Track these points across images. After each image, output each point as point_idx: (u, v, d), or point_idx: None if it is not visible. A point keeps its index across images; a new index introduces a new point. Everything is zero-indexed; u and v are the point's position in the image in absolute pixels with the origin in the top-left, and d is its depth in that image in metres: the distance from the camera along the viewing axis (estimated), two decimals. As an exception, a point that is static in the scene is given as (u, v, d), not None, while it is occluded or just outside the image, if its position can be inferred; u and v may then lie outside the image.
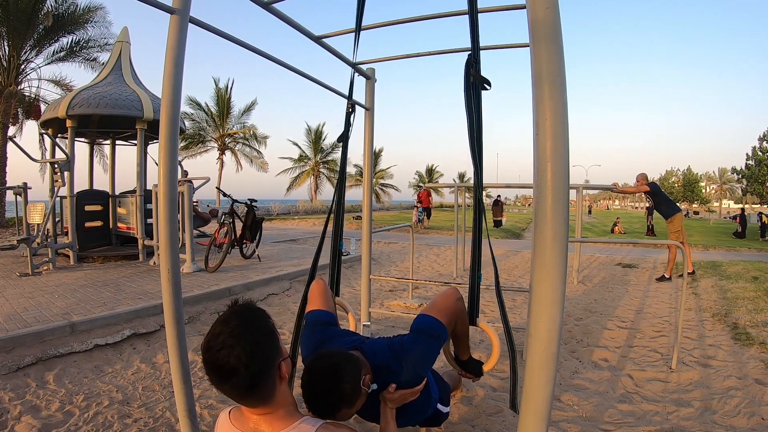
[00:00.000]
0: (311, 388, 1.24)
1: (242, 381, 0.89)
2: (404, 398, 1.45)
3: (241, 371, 0.88)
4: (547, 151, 1.00)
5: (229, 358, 0.88)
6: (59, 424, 2.22)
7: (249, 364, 0.88)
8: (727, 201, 68.32)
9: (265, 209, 23.08)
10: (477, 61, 1.52)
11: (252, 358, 0.89)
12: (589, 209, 35.40)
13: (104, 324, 3.60)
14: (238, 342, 0.89)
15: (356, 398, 1.29)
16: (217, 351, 0.89)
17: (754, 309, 4.19)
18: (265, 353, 0.92)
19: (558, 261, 1.02)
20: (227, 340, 0.89)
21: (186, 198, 5.99)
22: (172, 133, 1.60)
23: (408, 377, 1.45)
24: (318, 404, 1.24)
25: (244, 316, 0.95)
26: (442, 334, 1.55)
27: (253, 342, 0.91)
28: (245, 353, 0.88)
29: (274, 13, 1.97)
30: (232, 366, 0.87)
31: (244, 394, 0.92)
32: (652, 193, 6.22)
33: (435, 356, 1.55)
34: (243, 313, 0.95)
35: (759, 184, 24.19)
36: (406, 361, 1.46)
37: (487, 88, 1.52)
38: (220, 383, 0.90)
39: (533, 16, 1.02)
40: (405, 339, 1.54)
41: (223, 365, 0.88)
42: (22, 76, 13.89)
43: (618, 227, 18.23)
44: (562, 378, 2.86)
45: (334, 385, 1.23)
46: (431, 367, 1.62)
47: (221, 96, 28.25)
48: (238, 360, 0.88)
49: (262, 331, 0.95)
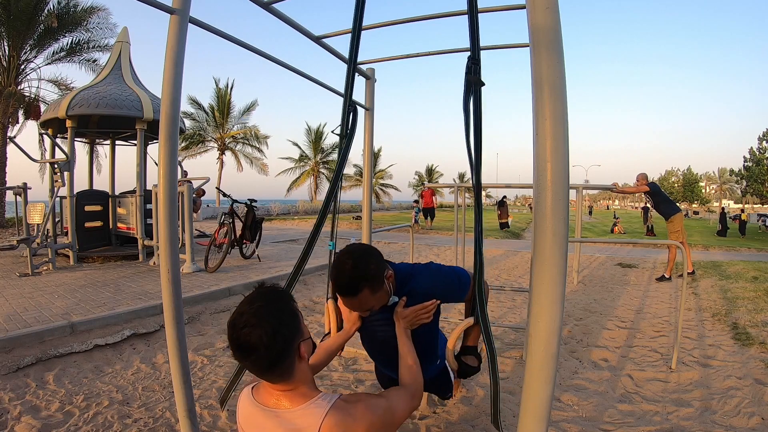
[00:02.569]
0: (340, 266, 1.36)
1: (263, 358, 0.95)
2: (417, 316, 1.49)
3: (262, 350, 0.93)
4: (546, 151, 1.00)
5: (250, 336, 0.93)
6: (59, 424, 2.22)
7: (269, 344, 0.94)
8: (727, 201, 68.35)
9: (265, 209, 23.09)
10: (477, 62, 1.51)
11: (273, 338, 0.94)
12: (590, 210, 35.41)
13: (104, 324, 3.60)
14: (260, 322, 0.94)
15: (378, 285, 1.39)
16: (240, 329, 0.94)
17: (754, 309, 4.20)
18: (286, 334, 0.97)
19: (558, 261, 1.02)
20: (250, 319, 0.94)
21: (186, 198, 5.99)
22: (171, 133, 1.60)
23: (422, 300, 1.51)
24: (343, 281, 1.35)
25: (268, 298, 1.00)
26: (465, 285, 1.57)
27: (275, 323, 0.96)
28: (266, 333, 0.93)
29: (274, 13, 1.97)
30: (254, 344, 0.93)
31: (264, 370, 0.98)
32: (652, 193, 6.22)
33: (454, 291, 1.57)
34: (267, 295, 1.01)
35: (759, 184, 24.20)
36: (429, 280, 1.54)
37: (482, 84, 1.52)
38: (242, 359, 0.97)
39: (533, 16, 1.02)
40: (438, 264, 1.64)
41: (245, 343, 0.94)
42: (22, 76, 13.89)
43: (618, 227, 18.23)
44: (562, 378, 2.86)
45: (360, 262, 1.35)
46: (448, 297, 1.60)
47: (221, 96, 28.26)
48: (260, 339, 0.93)
49: (284, 313, 0.99)
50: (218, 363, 3.10)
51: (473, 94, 1.46)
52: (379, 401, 1.08)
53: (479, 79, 1.45)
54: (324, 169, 34.89)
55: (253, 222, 6.77)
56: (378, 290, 1.41)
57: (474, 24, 1.50)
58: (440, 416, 2.37)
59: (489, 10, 2.01)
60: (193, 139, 27.66)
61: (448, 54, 2.52)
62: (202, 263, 5.99)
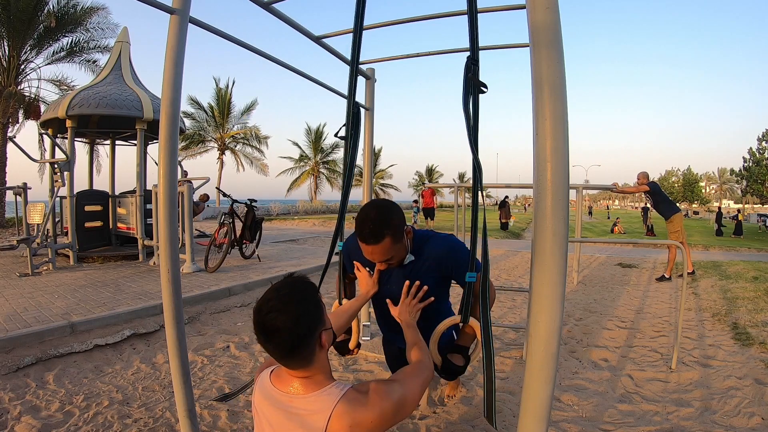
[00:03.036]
0: (364, 215, 1.46)
1: (285, 342, 0.99)
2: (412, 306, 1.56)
3: (285, 334, 0.98)
4: (546, 151, 1.00)
5: (276, 321, 0.97)
6: (59, 424, 2.22)
7: (293, 329, 0.98)
8: (727, 201, 68.36)
9: (264, 209, 23.08)
10: (476, 62, 1.51)
11: (296, 323, 0.99)
12: (590, 210, 35.38)
13: (104, 324, 3.60)
14: (286, 308, 0.99)
15: (399, 236, 1.49)
16: (266, 314, 0.99)
17: (754, 309, 4.19)
18: (309, 322, 1.02)
19: (558, 261, 1.02)
20: (277, 305, 0.99)
21: (186, 198, 5.99)
22: (171, 133, 1.60)
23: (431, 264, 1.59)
24: (367, 229, 1.44)
25: (295, 286, 1.05)
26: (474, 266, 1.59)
27: (300, 309, 1.00)
28: (291, 318, 0.98)
29: (274, 13, 1.97)
30: (278, 328, 0.97)
31: (285, 354, 1.01)
32: (652, 192, 6.21)
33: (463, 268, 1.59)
34: (294, 284, 1.06)
35: (758, 184, 24.19)
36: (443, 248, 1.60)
37: (484, 91, 1.51)
38: (265, 342, 1.00)
39: (533, 16, 1.02)
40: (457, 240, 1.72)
41: (270, 327, 0.98)
42: (22, 76, 13.89)
43: (618, 227, 18.24)
44: (562, 378, 2.86)
45: (384, 214, 1.47)
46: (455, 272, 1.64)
47: (221, 96, 28.26)
48: (284, 324, 0.97)
49: (308, 302, 1.04)
50: (218, 363, 3.10)
51: (473, 95, 1.46)
52: (391, 387, 1.10)
53: (479, 81, 1.45)
54: (324, 169, 34.89)
55: (253, 222, 6.77)
56: (399, 241, 1.50)
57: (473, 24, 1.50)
58: (440, 416, 2.37)
59: (489, 10, 2.01)
60: (193, 139, 27.67)
61: (448, 54, 2.52)
62: (202, 263, 5.99)
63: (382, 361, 3.09)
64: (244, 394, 2.60)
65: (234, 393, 1.63)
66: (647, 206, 18.45)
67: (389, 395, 1.05)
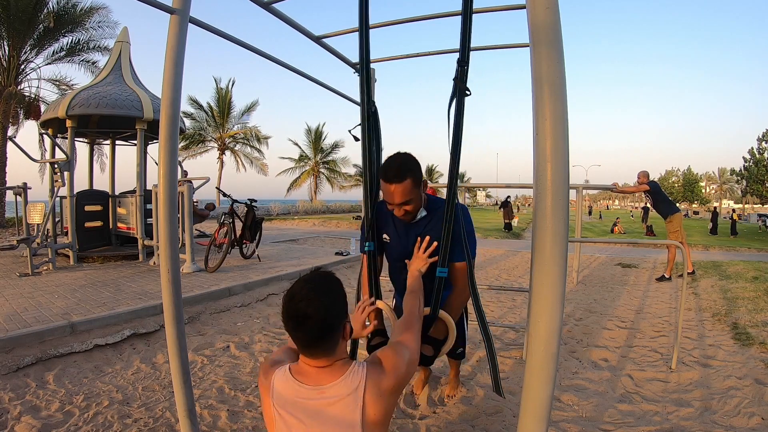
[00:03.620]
0: (391, 159, 1.65)
1: (316, 329, 1.05)
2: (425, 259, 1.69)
3: (317, 320, 1.04)
4: (547, 151, 1.00)
5: (308, 308, 1.03)
6: (59, 424, 2.22)
7: (324, 316, 1.04)
8: (727, 201, 68.34)
9: (264, 209, 23.09)
10: (464, 63, 1.57)
11: (327, 311, 1.05)
12: (590, 210, 35.38)
13: (104, 324, 3.60)
14: (317, 297, 1.05)
15: (419, 181, 1.67)
16: (298, 302, 1.05)
17: (754, 309, 4.19)
18: (338, 311, 1.09)
19: (558, 261, 1.02)
20: (309, 293, 1.05)
21: (186, 198, 5.99)
22: (172, 133, 1.60)
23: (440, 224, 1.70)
24: (392, 168, 1.62)
25: (323, 278, 1.12)
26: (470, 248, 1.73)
27: (330, 299, 1.08)
28: (322, 308, 1.04)
29: (274, 13, 1.97)
30: (310, 314, 1.03)
31: (314, 340, 1.07)
32: (652, 192, 6.21)
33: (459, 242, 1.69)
34: (323, 276, 1.13)
35: (758, 184, 24.18)
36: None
37: (467, 94, 1.60)
38: (296, 328, 1.06)
39: (533, 16, 1.02)
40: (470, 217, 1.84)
41: (302, 313, 1.04)
42: (22, 76, 13.89)
43: (618, 227, 18.25)
44: (562, 378, 2.86)
45: (408, 160, 1.66)
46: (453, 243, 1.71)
47: (222, 96, 28.25)
48: (316, 311, 1.04)
49: (337, 293, 1.12)
50: (218, 363, 3.10)
51: (457, 98, 1.56)
52: (399, 350, 1.20)
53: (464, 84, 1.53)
54: (324, 169, 34.88)
55: (253, 222, 6.77)
56: (417, 186, 1.67)
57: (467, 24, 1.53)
58: (440, 416, 2.37)
59: (488, 10, 2.01)
60: (193, 139, 27.66)
61: (449, 54, 2.52)
62: (202, 263, 5.99)
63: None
64: (245, 395, 2.60)
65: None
66: (647, 206, 18.46)
67: (400, 358, 1.17)
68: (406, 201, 1.67)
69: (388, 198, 1.69)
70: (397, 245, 1.87)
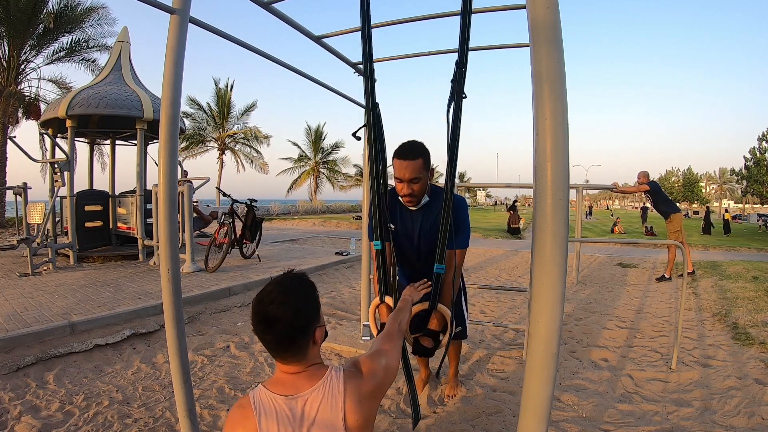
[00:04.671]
0: (407, 142, 1.83)
1: (285, 333, 1.03)
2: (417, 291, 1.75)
3: (286, 324, 1.02)
4: (546, 151, 1.00)
5: (277, 311, 1.02)
6: (59, 424, 2.22)
7: (293, 319, 1.02)
8: (727, 201, 68.34)
9: (265, 209, 23.08)
10: (463, 65, 1.58)
11: (296, 315, 1.03)
12: (590, 210, 35.34)
13: (104, 324, 3.60)
14: (287, 299, 1.03)
15: (428, 164, 1.83)
16: (268, 304, 1.03)
17: (754, 309, 4.19)
18: (308, 314, 1.07)
19: (558, 261, 1.02)
20: (278, 296, 1.03)
21: (186, 198, 5.99)
22: (172, 133, 1.60)
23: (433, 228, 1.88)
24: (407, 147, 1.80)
25: (295, 281, 1.09)
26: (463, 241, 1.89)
27: (300, 302, 1.05)
28: (291, 310, 1.03)
29: (274, 13, 1.97)
30: (279, 317, 1.02)
31: (282, 346, 1.05)
32: (652, 192, 6.21)
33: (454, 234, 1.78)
34: (295, 279, 1.10)
35: (759, 184, 24.15)
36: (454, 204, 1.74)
37: (463, 97, 1.62)
38: (264, 332, 1.04)
39: (533, 16, 1.02)
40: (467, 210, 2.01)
41: (271, 316, 1.02)
42: (22, 76, 13.89)
43: (618, 227, 18.23)
44: (562, 378, 2.86)
45: (421, 145, 1.82)
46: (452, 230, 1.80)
47: (221, 96, 28.25)
48: (284, 314, 1.02)
49: (308, 296, 1.09)
50: (218, 363, 3.10)
51: (454, 101, 1.57)
52: (377, 357, 1.20)
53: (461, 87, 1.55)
54: (324, 169, 34.88)
55: (253, 222, 6.77)
56: (427, 168, 1.82)
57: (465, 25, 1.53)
58: (440, 416, 2.37)
59: (488, 10, 2.02)
60: (193, 139, 27.66)
61: (449, 54, 2.52)
62: (202, 263, 5.99)
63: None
64: (245, 395, 2.60)
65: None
66: (646, 206, 18.48)
67: (377, 363, 1.18)
68: (416, 178, 1.79)
69: (400, 173, 1.80)
70: (402, 231, 1.99)
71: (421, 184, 1.82)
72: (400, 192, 1.87)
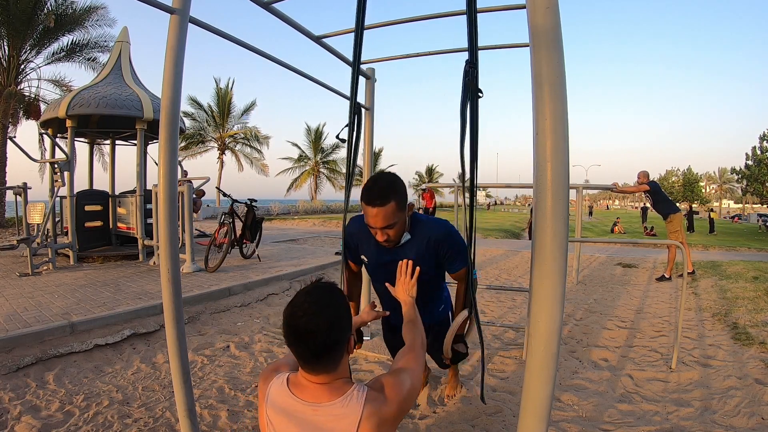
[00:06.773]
0: (374, 179, 1.60)
1: (319, 344, 1.00)
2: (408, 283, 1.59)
3: (320, 336, 0.99)
4: (547, 151, 1.00)
5: (310, 324, 0.99)
6: (59, 424, 2.22)
7: (328, 332, 1.00)
8: (727, 201, 68.33)
9: (265, 209, 23.08)
10: (474, 66, 1.50)
11: (330, 328, 1.00)
12: (590, 211, 35.33)
13: (104, 324, 3.60)
14: (321, 311, 1.00)
15: (403, 204, 1.60)
16: (300, 317, 1.00)
17: (754, 309, 4.19)
18: (342, 325, 1.04)
19: (558, 261, 1.02)
20: (311, 308, 1.00)
21: (186, 198, 5.99)
22: (172, 133, 1.60)
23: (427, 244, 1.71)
24: (375, 190, 1.55)
25: (326, 291, 1.07)
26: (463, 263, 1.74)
27: (333, 313, 1.03)
28: (326, 321, 1.00)
29: (274, 13, 1.97)
30: (313, 330, 0.99)
31: (316, 356, 1.02)
32: (652, 191, 6.21)
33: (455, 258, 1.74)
34: (325, 288, 1.07)
35: (759, 184, 24.15)
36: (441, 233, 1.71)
37: (480, 96, 1.50)
38: (298, 343, 1.01)
39: (533, 16, 1.02)
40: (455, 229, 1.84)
41: (304, 329, 0.99)
42: (22, 76, 13.88)
43: (618, 227, 18.24)
44: (562, 378, 2.86)
45: (393, 181, 1.59)
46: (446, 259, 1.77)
47: (221, 96, 28.24)
48: (318, 327, 0.99)
49: (341, 307, 1.06)
50: (218, 363, 3.10)
51: (470, 101, 1.46)
52: (401, 378, 1.14)
53: (477, 86, 1.45)
54: (324, 169, 34.86)
55: (253, 222, 6.77)
56: (401, 209, 1.60)
57: (473, 25, 1.49)
58: (440, 416, 2.37)
59: (489, 10, 2.01)
60: (193, 139, 27.64)
61: (448, 54, 2.52)
62: (202, 263, 5.99)
63: (382, 361, 3.09)
64: (245, 395, 2.60)
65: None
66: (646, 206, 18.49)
67: (402, 386, 1.11)
68: (389, 225, 1.58)
69: (371, 221, 1.60)
70: (376, 268, 1.80)
71: (396, 229, 1.63)
72: (374, 235, 1.66)
